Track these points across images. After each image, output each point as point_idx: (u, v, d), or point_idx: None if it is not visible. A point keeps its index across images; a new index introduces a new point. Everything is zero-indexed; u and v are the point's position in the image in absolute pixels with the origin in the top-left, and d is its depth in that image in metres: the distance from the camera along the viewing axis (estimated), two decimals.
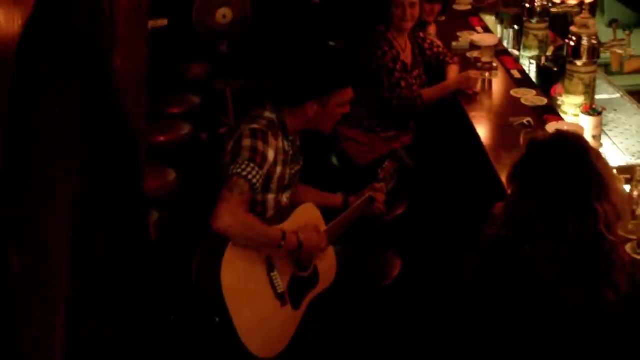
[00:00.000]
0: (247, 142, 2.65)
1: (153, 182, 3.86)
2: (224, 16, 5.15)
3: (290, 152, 2.85)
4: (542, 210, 1.92)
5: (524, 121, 3.47)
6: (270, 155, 2.68)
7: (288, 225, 2.74)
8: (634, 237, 2.54)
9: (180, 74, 5.41)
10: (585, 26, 3.58)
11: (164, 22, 5.06)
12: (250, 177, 2.60)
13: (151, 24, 4.45)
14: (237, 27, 5.26)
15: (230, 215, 2.53)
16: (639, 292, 1.92)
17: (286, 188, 2.89)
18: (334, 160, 4.20)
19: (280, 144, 2.76)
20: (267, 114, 2.78)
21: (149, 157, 4.09)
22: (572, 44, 3.58)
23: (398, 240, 3.46)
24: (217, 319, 2.51)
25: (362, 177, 3.92)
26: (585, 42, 3.55)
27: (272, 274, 2.68)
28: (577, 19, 3.62)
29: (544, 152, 2.00)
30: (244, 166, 2.60)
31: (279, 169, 2.77)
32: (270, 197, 2.81)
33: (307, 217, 2.86)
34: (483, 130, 3.50)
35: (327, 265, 2.96)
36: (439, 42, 4.45)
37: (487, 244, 2.04)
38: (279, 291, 2.69)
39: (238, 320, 2.55)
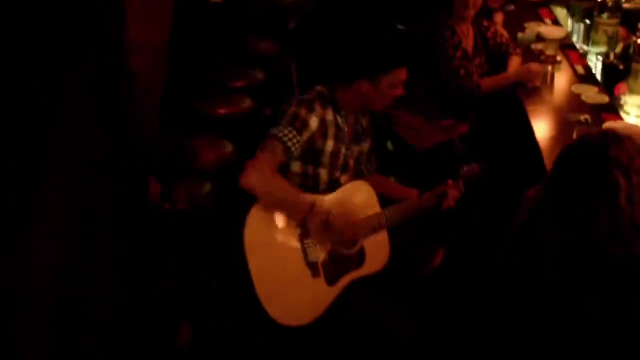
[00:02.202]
0: (291, 109, 2.72)
1: (209, 154, 3.94)
2: None
3: (346, 130, 2.88)
4: (556, 203, 1.92)
5: (582, 119, 3.41)
6: (313, 122, 2.72)
7: (331, 197, 2.77)
8: None
9: (247, 50, 5.49)
10: None
11: None
12: (285, 139, 2.65)
13: None
14: (306, 4, 5.30)
15: (257, 173, 2.58)
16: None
17: (344, 168, 2.92)
18: (389, 145, 4.21)
19: (330, 117, 2.80)
20: (319, 88, 2.83)
21: (208, 128, 4.20)
22: (639, 41, 3.49)
23: (444, 230, 3.44)
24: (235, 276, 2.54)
25: (417, 164, 3.95)
26: None
27: (306, 241, 2.71)
28: None
29: (578, 146, 1.99)
30: (281, 128, 2.68)
31: (330, 143, 2.81)
32: (323, 172, 2.85)
33: (356, 194, 2.88)
34: (539, 125, 3.45)
35: (377, 249, 2.92)
36: (504, 32, 4.39)
37: (518, 229, 2.04)
38: (311, 260, 2.72)
39: (258, 279, 2.58)
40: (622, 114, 3.51)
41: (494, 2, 4.40)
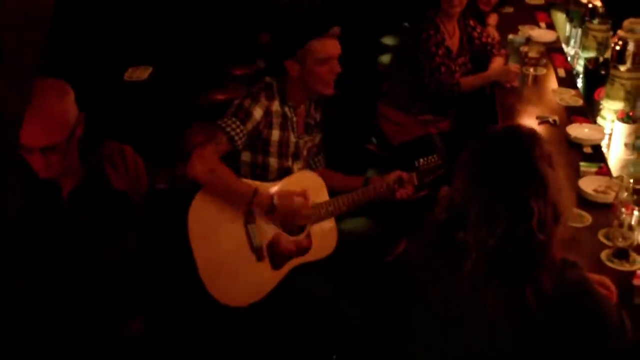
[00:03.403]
0: (237, 101, 2.81)
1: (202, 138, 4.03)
2: None
3: (295, 119, 2.94)
4: (479, 199, 1.94)
5: (550, 119, 3.43)
6: (257, 113, 2.80)
7: (278, 185, 2.85)
8: (610, 244, 2.53)
9: (251, 42, 5.59)
10: (632, 31, 3.49)
11: None
12: (228, 129, 2.74)
13: None
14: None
15: (201, 163, 2.68)
16: (564, 294, 1.91)
17: (296, 156, 2.99)
18: (374, 139, 4.26)
19: (276, 107, 2.86)
20: (268, 79, 2.90)
21: (205, 115, 4.30)
22: (617, 48, 3.49)
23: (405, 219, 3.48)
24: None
25: (394, 157, 4.00)
26: (631, 47, 3.45)
27: (249, 226, 2.80)
28: (626, 22, 3.53)
29: (492, 142, 2.02)
30: (225, 119, 2.77)
31: (275, 132, 2.88)
32: (272, 160, 2.92)
33: (303, 183, 2.95)
34: (506, 124, 3.47)
35: (323, 235, 2.99)
36: (494, 33, 4.43)
37: (427, 226, 2.08)
38: (255, 245, 2.80)
39: (201, 260, 2.70)
40: (599, 118, 3.52)
41: (486, 5, 4.43)
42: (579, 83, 3.91)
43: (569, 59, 4.23)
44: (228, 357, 2.93)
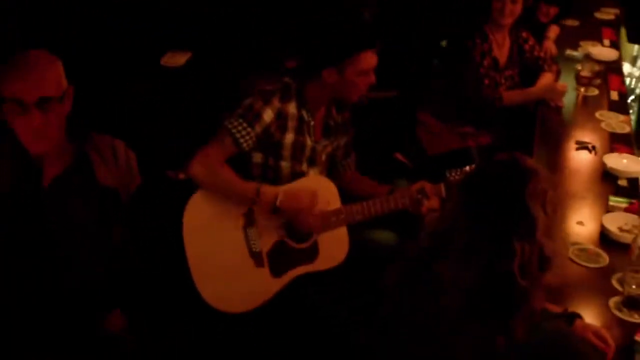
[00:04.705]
0: (247, 100, 2.68)
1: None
2: None
3: (312, 123, 2.82)
4: (462, 230, 1.80)
5: (589, 145, 3.20)
6: (267, 115, 2.67)
7: (284, 188, 2.73)
8: (622, 290, 2.32)
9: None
10: None
11: None
12: (234, 131, 2.62)
13: None
14: None
15: (202, 164, 2.58)
16: (538, 348, 1.75)
17: (312, 161, 2.86)
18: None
19: (292, 109, 2.73)
20: (287, 79, 2.77)
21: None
22: None
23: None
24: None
25: (427, 167, 3.83)
26: None
27: (249, 230, 2.69)
28: None
29: (487, 172, 1.87)
30: (232, 119, 2.64)
31: (289, 136, 2.75)
32: (284, 164, 2.79)
33: (312, 187, 2.80)
34: (542, 146, 3.27)
35: (332, 244, 2.83)
36: (551, 47, 4.19)
37: (407, 253, 1.95)
38: (254, 250, 2.70)
39: (194, 262, 2.61)
40: None
41: (544, 16, 4.19)
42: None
43: (627, 81, 3.96)
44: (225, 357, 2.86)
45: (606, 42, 4.43)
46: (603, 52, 4.19)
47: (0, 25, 3.57)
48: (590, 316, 2.20)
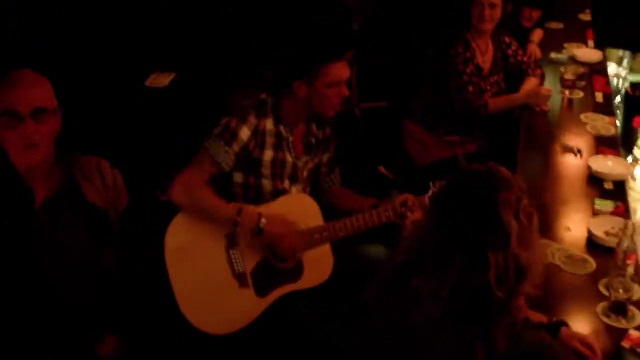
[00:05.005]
0: (225, 119, 2.66)
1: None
2: None
3: (291, 139, 2.80)
4: (435, 244, 1.77)
5: (574, 149, 3.18)
6: (244, 133, 2.65)
7: (265, 207, 2.71)
8: (607, 294, 2.29)
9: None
10: None
11: None
12: (212, 151, 2.61)
13: None
14: (365, 5, 5.21)
15: (182, 187, 2.57)
16: (520, 355, 1.72)
17: (293, 179, 2.84)
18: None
19: (268, 126, 2.71)
20: (263, 95, 2.75)
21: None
22: None
23: None
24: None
25: (413, 178, 3.80)
26: None
27: (232, 251, 2.66)
28: None
29: (460, 182, 1.84)
30: (210, 141, 2.63)
31: (268, 153, 2.74)
32: (265, 182, 2.77)
33: (295, 205, 2.79)
34: (527, 151, 3.25)
35: (317, 262, 2.80)
36: (535, 51, 4.18)
37: (387, 267, 1.92)
38: (237, 271, 2.67)
39: (177, 285, 2.58)
40: (636, 149, 3.24)
41: (527, 20, 4.17)
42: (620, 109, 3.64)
43: (614, 81, 3.94)
44: None
45: (590, 43, 4.42)
46: (587, 53, 4.18)
47: None
48: (578, 323, 2.17)
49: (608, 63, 4.20)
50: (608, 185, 2.92)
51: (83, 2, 3.96)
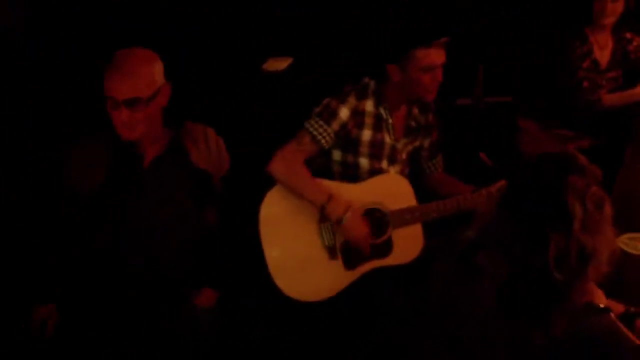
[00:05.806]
0: (325, 100, 2.79)
1: None
2: None
3: (391, 121, 2.88)
4: (501, 221, 1.80)
5: None
6: (343, 113, 2.77)
7: (358, 187, 2.81)
8: None
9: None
10: None
11: None
12: (311, 129, 2.74)
13: None
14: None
15: (281, 161, 2.71)
16: (580, 344, 1.70)
17: (392, 160, 2.93)
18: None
19: (369, 107, 2.82)
20: (367, 80, 2.86)
21: None
22: None
23: None
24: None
25: (513, 166, 3.76)
26: None
27: (323, 225, 2.78)
28: None
29: (533, 165, 1.86)
30: (311, 119, 2.77)
31: (366, 133, 2.84)
32: (363, 161, 2.88)
33: (386, 186, 2.87)
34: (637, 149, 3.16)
35: (407, 241, 2.90)
36: None
37: (457, 242, 1.96)
38: (327, 244, 2.79)
39: (269, 253, 2.73)
40: None
41: None
42: None
43: None
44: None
45: None
46: None
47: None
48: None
49: None
50: None
51: None
